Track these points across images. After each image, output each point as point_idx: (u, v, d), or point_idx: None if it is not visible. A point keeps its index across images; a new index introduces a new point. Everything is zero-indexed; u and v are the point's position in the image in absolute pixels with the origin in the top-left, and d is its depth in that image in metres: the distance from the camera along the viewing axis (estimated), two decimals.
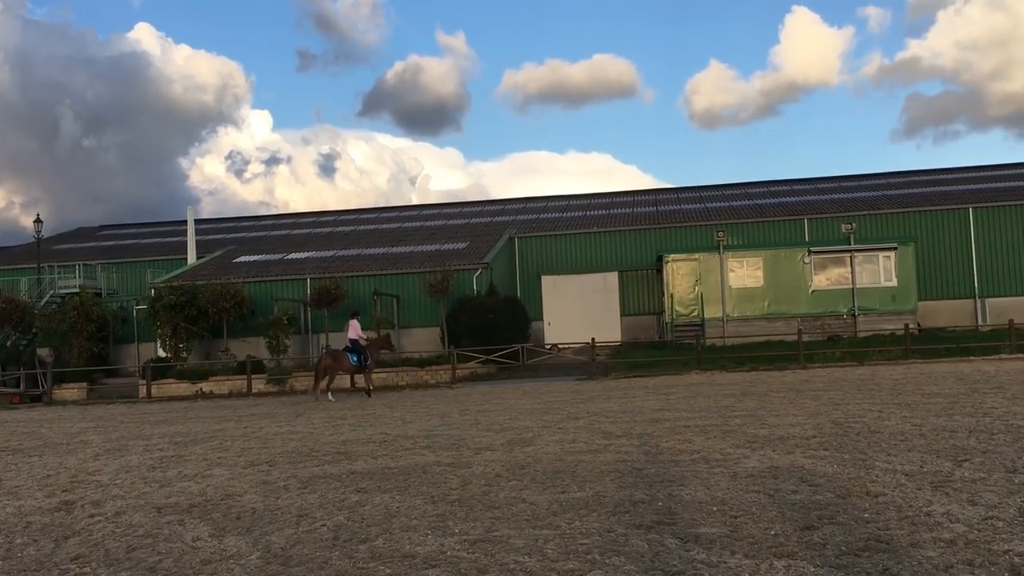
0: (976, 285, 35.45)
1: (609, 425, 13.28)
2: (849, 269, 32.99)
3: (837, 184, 46.39)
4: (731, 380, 22.18)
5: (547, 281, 37.53)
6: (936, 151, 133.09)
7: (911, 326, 28.50)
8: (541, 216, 44.10)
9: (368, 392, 23.32)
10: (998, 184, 40.73)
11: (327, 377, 23.21)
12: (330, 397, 22.83)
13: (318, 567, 5.97)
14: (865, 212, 37.02)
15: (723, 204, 42.88)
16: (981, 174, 45.19)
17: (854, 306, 32.60)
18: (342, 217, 52.27)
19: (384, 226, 46.23)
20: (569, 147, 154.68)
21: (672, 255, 34.38)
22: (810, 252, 33.35)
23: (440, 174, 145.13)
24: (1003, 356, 25.02)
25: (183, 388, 29.10)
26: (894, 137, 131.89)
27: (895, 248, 32.87)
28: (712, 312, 33.30)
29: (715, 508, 7.05)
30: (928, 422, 11.65)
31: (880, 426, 11.49)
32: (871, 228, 35.95)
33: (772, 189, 46.74)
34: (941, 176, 45.88)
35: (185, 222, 41.35)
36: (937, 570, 5.14)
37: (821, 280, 33.13)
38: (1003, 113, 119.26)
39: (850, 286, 32.80)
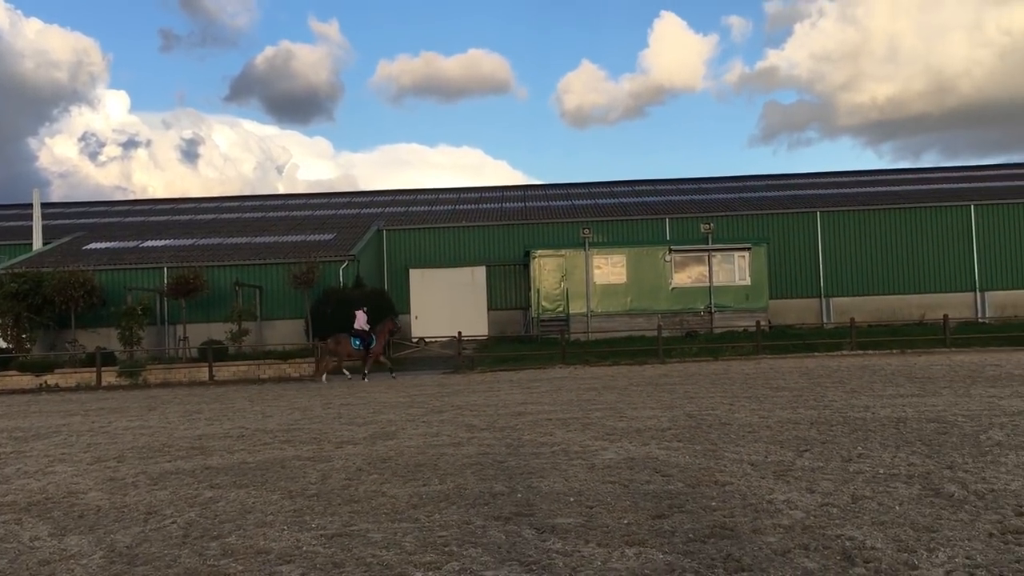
0: (822, 285, 37.50)
1: (473, 418, 13.36)
2: (707, 267, 34.27)
3: (698, 185, 48.08)
4: (594, 374, 22.69)
5: (415, 274, 37.35)
6: (791, 156, 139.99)
7: (762, 323, 29.89)
8: (410, 209, 43.82)
9: (364, 375, 24.38)
10: (843, 190, 43.18)
11: (328, 360, 24.98)
12: (324, 380, 24.32)
13: (166, 566, 5.76)
14: (723, 213, 38.54)
15: (590, 202, 43.76)
16: (829, 180, 47.78)
17: (711, 303, 33.89)
18: (203, 204, 50.41)
19: (248, 215, 44.87)
20: (440, 140, 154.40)
21: (539, 251, 34.84)
22: (671, 250, 34.44)
23: (309, 164, 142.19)
24: (844, 352, 26.57)
25: (25, 381, 27.42)
26: (752, 142, 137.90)
27: (749, 248, 34.35)
28: (577, 307, 33.93)
29: (572, 499, 7.20)
30: (774, 414, 12.26)
31: (730, 418, 12.01)
32: (728, 228, 37.46)
33: (636, 188, 48.01)
34: (793, 181, 48.26)
35: (31, 205, 38.94)
36: (776, 555, 5.42)
37: (680, 278, 34.28)
38: (852, 123, 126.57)
39: (707, 284, 34.08)
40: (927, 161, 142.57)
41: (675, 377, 20.28)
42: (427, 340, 33.55)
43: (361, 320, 25.06)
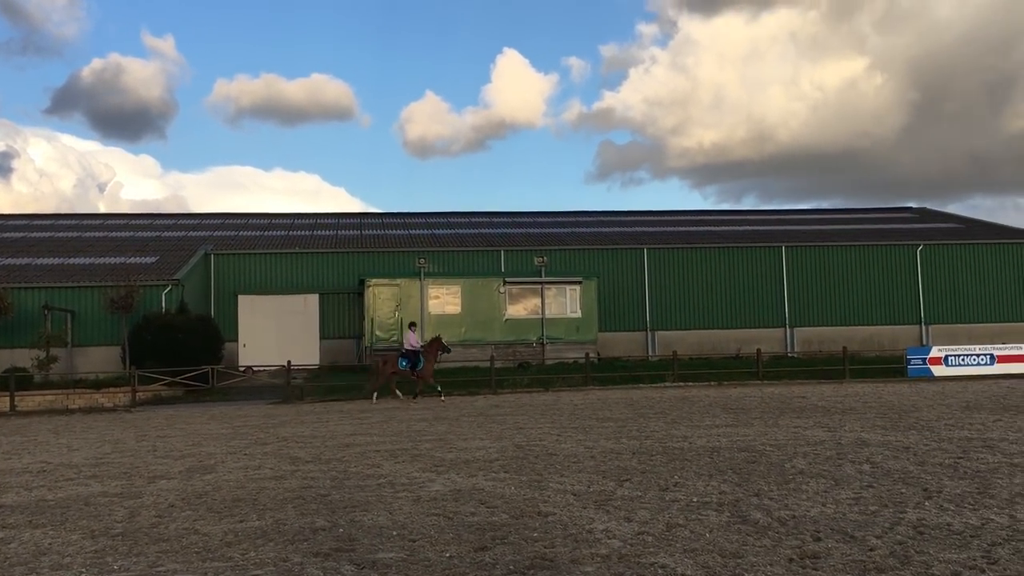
0: (648, 319, 39.00)
1: (298, 450, 12.99)
2: (540, 300, 35.00)
3: (533, 220, 49.09)
4: (426, 404, 22.57)
5: (244, 301, 36.08)
6: (624, 195, 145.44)
7: (591, 355, 30.71)
8: (241, 233, 42.41)
9: (415, 394, 23.84)
10: (670, 228, 45.25)
11: (377, 379, 24.06)
12: (374, 399, 23.55)
13: None
14: (556, 247, 39.48)
15: (426, 232, 43.81)
16: (656, 218, 49.91)
17: (543, 335, 34.57)
18: (11, 222, 46.90)
19: (62, 234, 42.07)
20: (276, 164, 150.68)
21: (374, 279, 34.51)
22: (505, 282, 34.96)
23: (134, 183, 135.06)
24: (667, 384, 27.67)
25: None
26: (588, 179, 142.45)
27: (580, 282, 35.35)
28: None
29: (395, 533, 7.09)
30: (599, 444, 12.57)
31: (557, 449, 12.22)
32: (561, 262, 38.38)
33: (473, 220, 48.48)
34: (624, 218, 50.13)
35: None
36: None
37: (514, 309, 34.82)
38: (680, 165, 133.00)
39: (540, 316, 34.78)
40: (747, 204, 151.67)
41: (506, 408, 20.48)
42: (255, 369, 32.43)
43: (411, 339, 24.45)
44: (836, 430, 13.67)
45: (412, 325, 25.71)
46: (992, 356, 29.06)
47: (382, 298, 34.12)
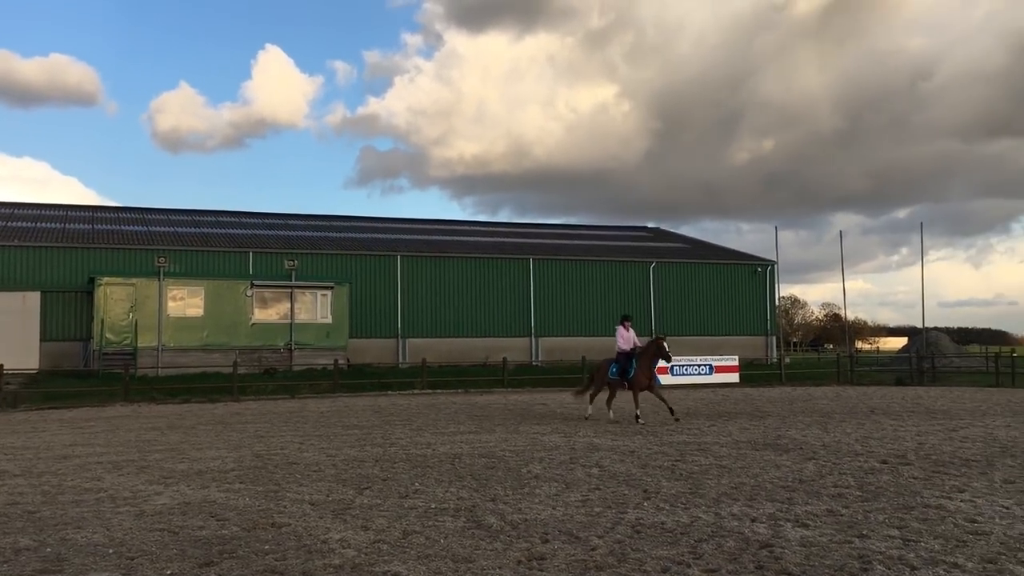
0: (399, 326, 39.10)
1: (6, 463, 11.77)
2: (289, 304, 34.09)
3: (285, 221, 47.76)
4: (160, 412, 21.26)
5: None
6: (384, 202, 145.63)
7: (341, 362, 30.31)
8: None
9: (636, 417, 17.00)
10: (425, 236, 45.66)
11: (603, 392, 18.27)
12: (611, 416, 17.74)
13: None
14: (308, 251, 38.63)
15: (168, 229, 41.31)
16: (412, 226, 50.22)
17: (291, 340, 33.68)
18: None
19: None
20: None
21: (106, 278, 32.09)
22: (252, 285, 33.74)
23: None
24: (416, 391, 27.85)
25: None
26: (348, 184, 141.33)
27: (332, 287, 34.84)
28: (147, 341, 31.71)
29: (111, 551, 6.60)
30: (342, 452, 12.41)
31: (298, 457, 11.92)
32: (312, 267, 37.60)
33: (221, 220, 46.37)
34: (379, 224, 49.98)
35: None
36: None
37: (262, 313, 33.66)
38: (441, 175, 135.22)
39: (289, 321, 33.88)
40: (502, 216, 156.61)
41: (248, 415, 19.72)
42: None
43: (623, 337, 17.82)
44: (571, 436, 14.36)
45: (626, 319, 18.18)
46: (711, 366, 31.78)
47: (115, 298, 31.80)
